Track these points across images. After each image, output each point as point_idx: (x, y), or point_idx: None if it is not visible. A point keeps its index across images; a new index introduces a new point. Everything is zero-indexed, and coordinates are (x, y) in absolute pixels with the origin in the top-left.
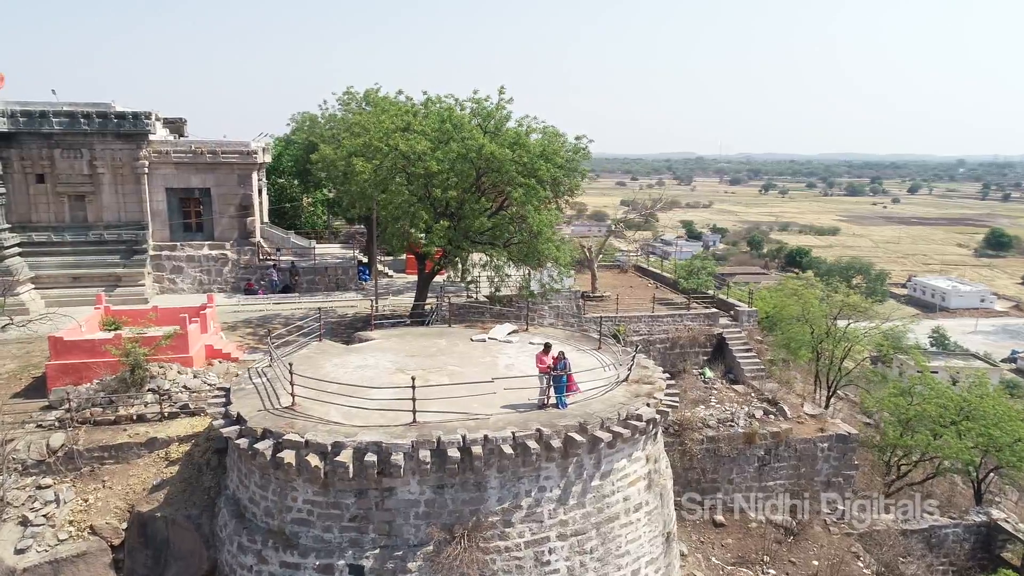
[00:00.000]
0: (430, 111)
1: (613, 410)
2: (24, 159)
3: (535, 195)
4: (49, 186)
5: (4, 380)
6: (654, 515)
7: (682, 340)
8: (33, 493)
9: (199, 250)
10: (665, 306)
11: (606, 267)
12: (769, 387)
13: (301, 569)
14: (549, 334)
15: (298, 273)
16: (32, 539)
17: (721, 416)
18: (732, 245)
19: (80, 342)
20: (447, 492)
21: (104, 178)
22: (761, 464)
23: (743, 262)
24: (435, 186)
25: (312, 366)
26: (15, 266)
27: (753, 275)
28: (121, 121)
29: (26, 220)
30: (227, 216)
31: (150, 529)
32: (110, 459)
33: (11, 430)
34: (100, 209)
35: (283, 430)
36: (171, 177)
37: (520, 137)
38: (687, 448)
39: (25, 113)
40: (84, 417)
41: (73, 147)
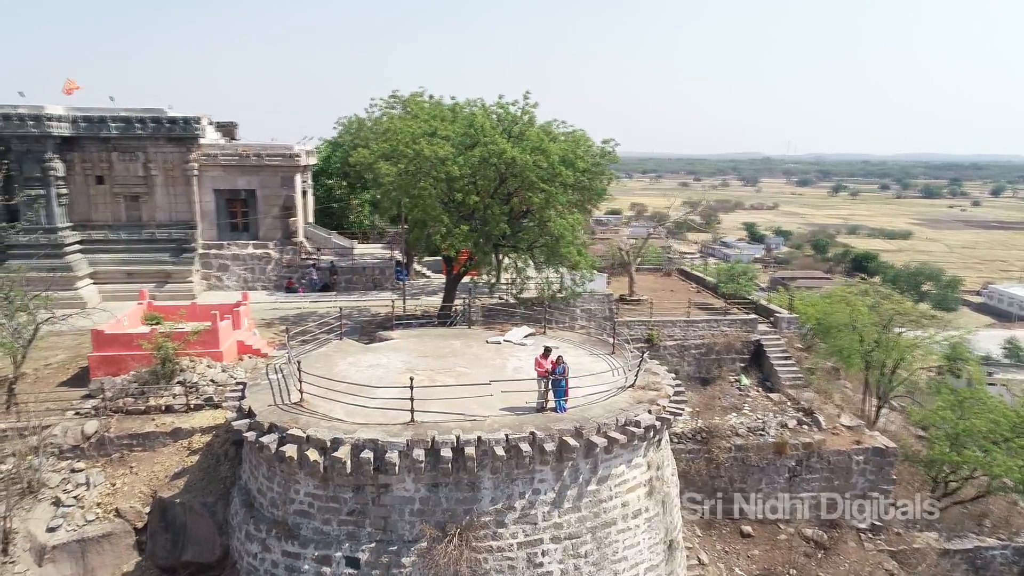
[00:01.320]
0: (457, 116)
1: (612, 416)
2: (85, 162)
3: (556, 200)
4: (107, 187)
5: (54, 369)
6: (655, 522)
7: (718, 346)
8: (67, 476)
9: (244, 249)
10: (703, 311)
11: (648, 270)
12: (806, 396)
13: (301, 559)
14: (565, 338)
15: (336, 272)
16: (63, 519)
17: (751, 424)
18: (796, 248)
19: (119, 335)
20: (441, 491)
21: (157, 180)
22: (792, 475)
23: (806, 266)
24: (457, 190)
25: (327, 364)
26: (75, 262)
27: (815, 279)
28: (173, 125)
29: (86, 219)
30: (271, 216)
31: (170, 514)
32: (138, 446)
33: (53, 416)
34: (153, 209)
35: (287, 425)
36: (219, 179)
37: (543, 142)
38: (714, 456)
39: (86, 119)
40: (117, 406)
41: (129, 150)
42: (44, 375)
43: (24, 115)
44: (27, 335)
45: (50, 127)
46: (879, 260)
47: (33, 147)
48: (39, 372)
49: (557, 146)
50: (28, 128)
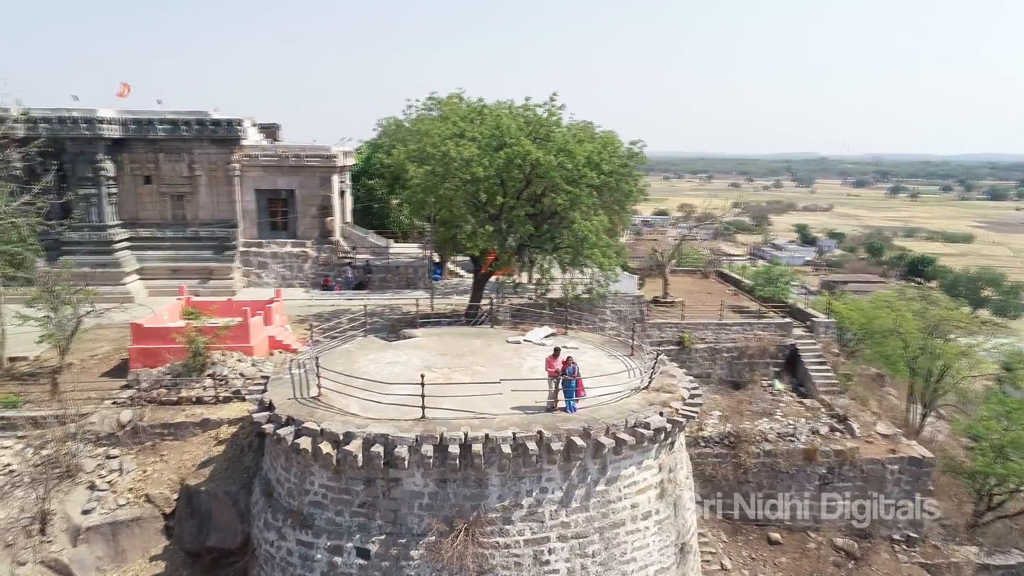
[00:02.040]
0: (485, 118)
1: (622, 417)
2: (134, 162)
3: (581, 201)
4: (154, 187)
5: (98, 360)
6: (665, 524)
7: (750, 350)
8: (102, 462)
9: (283, 247)
10: (738, 313)
11: (685, 272)
12: (841, 403)
13: (314, 548)
14: (587, 338)
15: (371, 271)
16: (96, 502)
17: (781, 430)
18: (849, 251)
19: (156, 329)
20: (449, 486)
21: (201, 180)
22: (822, 483)
23: (859, 270)
24: (482, 191)
25: (348, 360)
26: (124, 259)
27: (868, 283)
28: (216, 127)
29: (134, 217)
30: (309, 216)
31: (196, 501)
32: (169, 436)
33: (92, 405)
34: (197, 208)
35: (304, 418)
36: (260, 179)
37: (568, 144)
38: (741, 461)
39: (135, 121)
40: (151, 397)
41: (175, 151)
42: (89, 365)
43: (77, 118)
44: (70, 328)
45: (101, 129)
46: (937, 264)
47: (85, 148)
48: (85, 363)
49: (583, 148)
50: (81, 130)
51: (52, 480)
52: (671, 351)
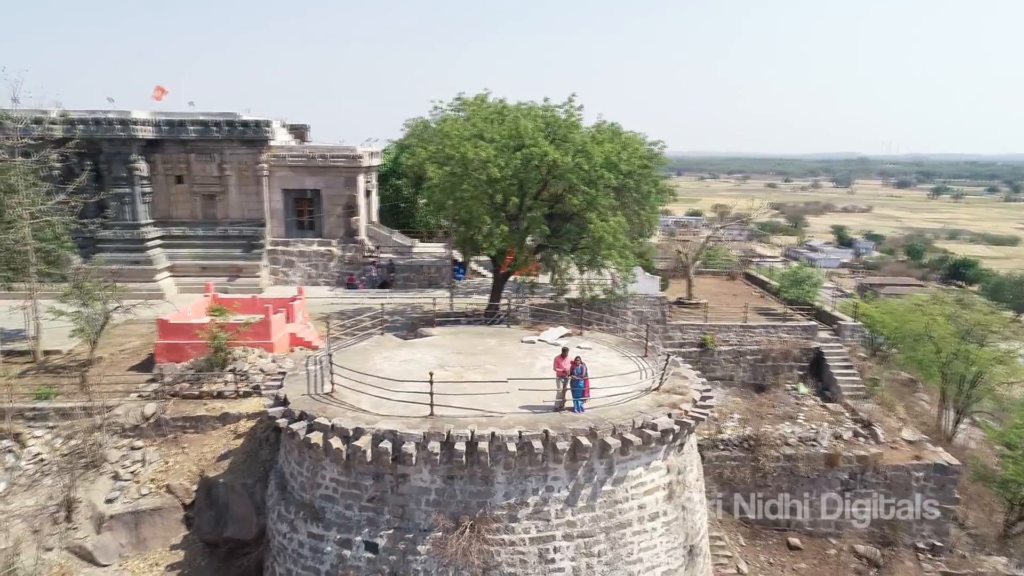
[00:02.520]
0: (505, 118)
1: (629, 418)
2: (166, 163)
3: (597, 203)
4: (186, 186)
5: (127, 354)
6: (673, 526)
7: (774, 352)
8: (126, 453)
9: (309, 246)
10: (764, 316)
11: (712, 274)
12: (866, 408)
13: (324, 541)
14: (602, 339)
15: (395, 270)
16: (120, 491)
17: (803, 434)
18: (888, 253)
19: (181, 325)
20: (456, 483)
21: (231, 180)
22: (844, 488)
23: (897, 272)
24: (498, 191)
25: (364, 357)
26: (156, 256)
27: (906, 286)
28: (245, 128)
29: (167, 216)
30: (334, 215)
31: (214, 493)
32: (190, 428)
33: (118, 397)
34: (227, 207)
35: (316, 413)
36: (287, 179)
37: (586, 145)
38: (760, 464)
39: (168, 122)
40: (174, 391)
41: (206, 152)
42: (118, 359)
43: (112, 119)
44: (99, 323)
45: (135, 130)
46: (980, 268)
47: (120, 149)
48: (114, 356)
49: (600, 148)
50: (116, 131)
51: (78, 469)
52: (693, 353)
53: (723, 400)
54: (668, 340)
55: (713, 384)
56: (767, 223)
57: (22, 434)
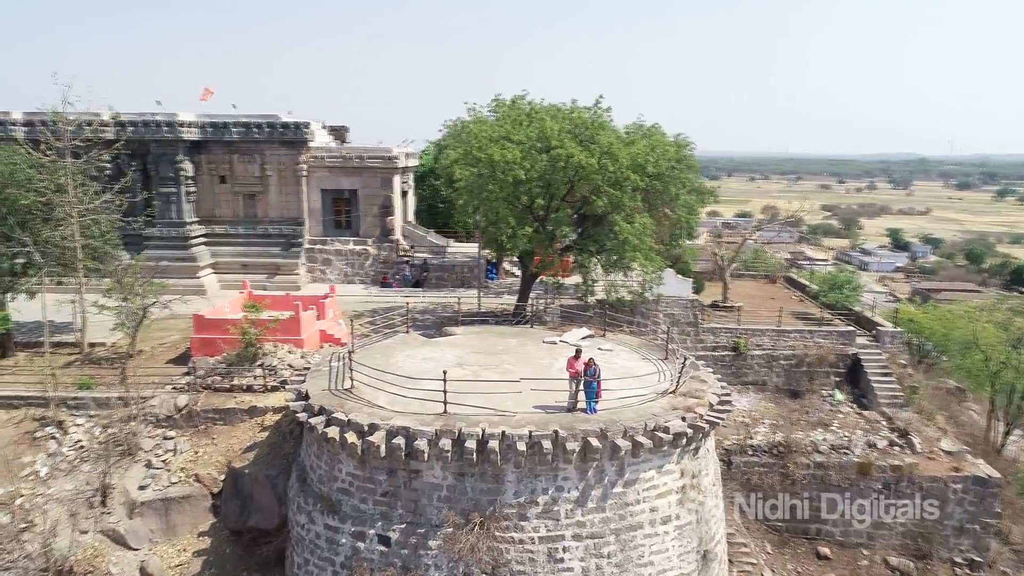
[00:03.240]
0: (533, 120)
1: (642, 420)
2: (211, 163)
3: (622, 204)
4: (228, 186)
5: (167, 348)
6: (686, 531)
7: (809, 358)
8: (159, 442)
9: (345, 245)
10: (801, 320)
11: (751, 276)
12: (903, 416)
13: (339, 533)
14: (624, 341)
15: (428, 269)
16: (151, 479)
17: (835, 442)
18: (946, 258)
19: (216, 320)
20: (467, 480)
21: (271, 180)
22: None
23: (955, 277)
24: (523, 193)
25: (386, 355)
26: (200, 253)
27: (963, 292)
28: (285, 130)
29: (210, 215)
30: (370, 215)
31: (240, 483)
32: (219, 420)
33: (154, 389)
34: (267, 206)
35: (334, 408)
36: (325, 179)
37: (612, 147)
38: (789, 472)
39: (212, 124)
40: (206, 383)
41: (247, 153)
42: (157, 352)
43: (160, 121)
44: (138, 317)
45: (181, 132)
46: None
47: (167, 150)
48: (154, 350)
49: (628, 150)
50: (163, 133)
51: (114, 457)
52: (726, 357)
53: (755, 405)
54: (700, 343)
55: (745, 389)
56: (818, 225)
57: (65, 421)
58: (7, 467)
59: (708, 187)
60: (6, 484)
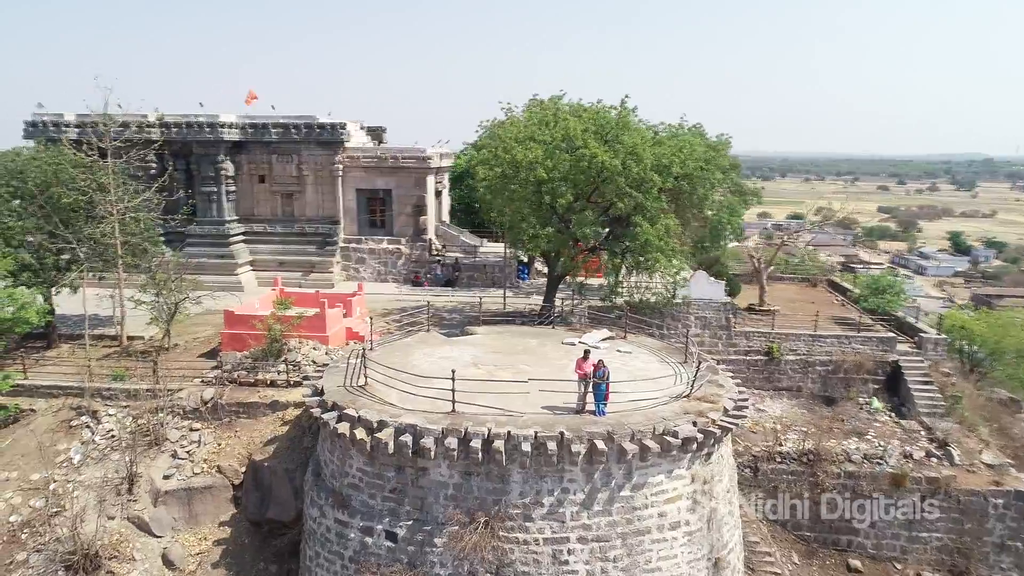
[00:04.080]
0: (558, 120)
1: (650, 424)
2: (251, 163)
3: (644, 205)
4: (267, 186)
5: (200, 342)
6: (696, 537)
7: (846, 364)
8: (185, 433)
9: (379, 244)
10: (840, 325)
11: (792, 279)
12: (943, 427)
13: (349, 527)
14: (644, 343)
15: (459, 269)
16: (176, 469)
17: (868, 451)
18: (1010, 263)
19: (244, 316)
20: (473, 479)
21: (308, 179)
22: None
23: (1020, 283)
24: (545, 193)
25: (404, 353)
26: (238, 251)
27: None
28: (322, 131)
29: (249, 213)
30: (404, 215)
31: (260, 475)
32: (243, 414)
33: (183, 382)
34: (304, 206)
35: (346, 405)
36: (360, 179)
37: (636, 147)
38: (819, 480)
39: (252, 125)
40: (232, 378)
41: (286, 153)
42: (191, 347)
43: (203, 123)
44: (170, 313)
45: (222, 133)
46: None
47: (209, 150)
48: (188, 344)
49: (652, 150)
50: (205, 134)
51: (141, 447)
52: (758, 362)
53: (787, 411)
54: (732, 347)
55: (779, 395)
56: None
57: (98, 411)
58: (44, 453)
59: (751, 188)
60: (42, 470)
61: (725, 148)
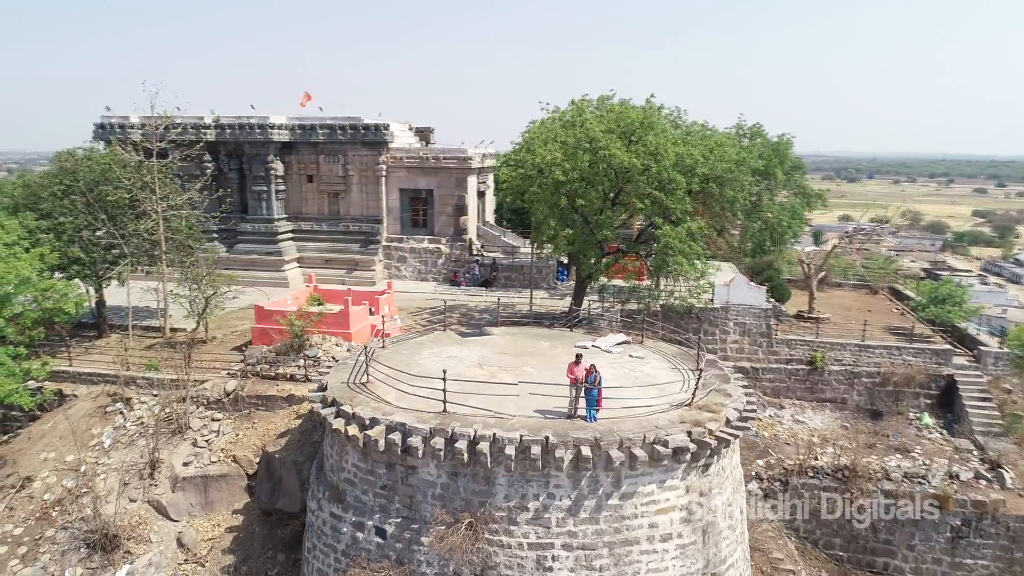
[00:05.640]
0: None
1: (642, 432)
2: (299, 163)
3: (666, 207)
4: (315, 185)
5: (236, 336)
6: (690, 551)
7: (896, 377)
8: (207, 423)
9: (420, 243)
10: (893, 335)
11: (852, 286)
12: (998, 447)
13: (342, 521)
14: (659, 348)
15: (497, 269)
16: (195, 457)
17: (911, 469)
18: None
19: (272, 311)
20: (460, 480)
21: (353, 179)
22: (956, 536)
23: None
24: (563, 194)
25: (413, 352)
26: (286, 248)
27: None
28: (366, 131)
29: (298, 212)
30: (444, 215)
31: (272, 466)
32: (262, 406)
33: (212, 374)
34: (349, 205)
35: (344, 401)
36: (403, 179)
37: (659, 148)
38: (853, 497)
39: (301, 126)
40: (255, 371)
41: (332, 153)
42: (228, 339)
43: (254, 124)
44: (201, 307)
45: (272, 134)
46: None
47: (260, 151)
48: (226, 337)
49: (675, 150)
50: (256, 135)
51: (166, 434)
52: (800, 371)
53: (828, 424)
54: (773, 355)
55: (821, 406)
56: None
57: (132, 399)
58: (79, 437)
59: (816, 190)
60: (76, 452)
61: (786, 148)
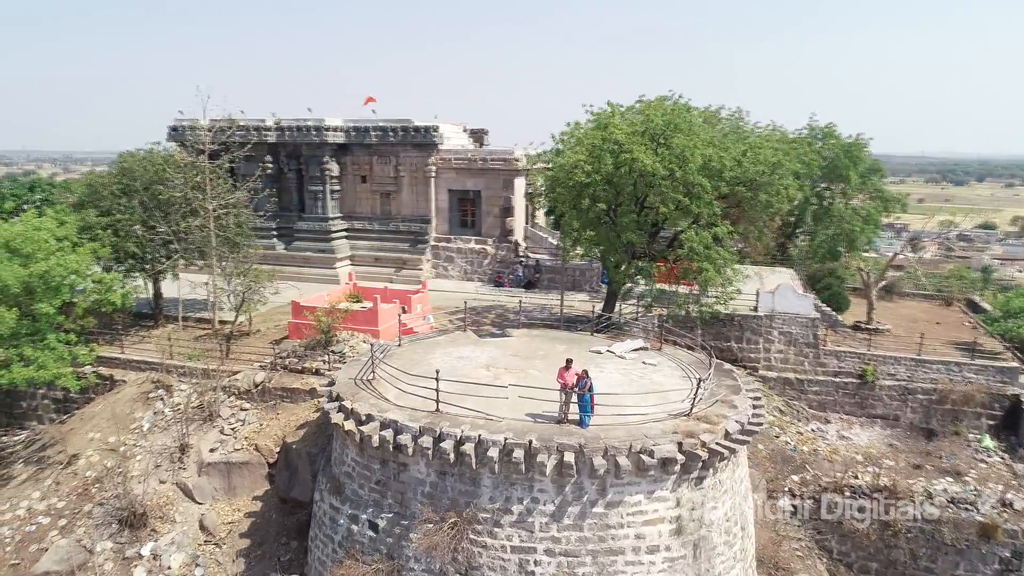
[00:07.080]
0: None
1: (629, 440)
2: (354, 164)
3: (690, 211)
4: (368, 186)
5: (278, 329)
6: (679, 565)
7: (954, 395)
8: (235, 412)
9: (467, 243)
10: (956, 350)
11: (924, 297)
12: None
13: (340, 513)
14: (675, 355)
15: (540, 271)
16: (220, 444)
17: (958, 495)
18: None
19: (307, 307)
20: (448, 479)
21: (404, 180)
22: (1005, 568)
23: None
24: (584, 197)
25: (425, 351)
26: (339, 246)
27: None
28: (416, 133)
29: (352, 211)
30: (491, 216)
31: (289, 456)
32: (287, 398)
33: (247, 365)
34: (399, 205)
35: (346, 396)
36: (452, 180)
37: (685, 150)
38: (892, 521)
39: (355, 129)
40: (284, 364)
41: (384, 155)
42: (270, 333)
43: (310, 126)
44: (238, 301)
45: (327, 136)
46: None
47: (316, 152)
48: (269, 330)
49: (702, 152)
50: (312, 137)
51: (197, 421)
52: (849, 385)
53: (876, 441)
54: (820, 367)
55: (871, 422)
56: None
57: (172, 386)
58: (123, 420)
59: (895, 193)
60: (117, 434)
61: (859, 150)
